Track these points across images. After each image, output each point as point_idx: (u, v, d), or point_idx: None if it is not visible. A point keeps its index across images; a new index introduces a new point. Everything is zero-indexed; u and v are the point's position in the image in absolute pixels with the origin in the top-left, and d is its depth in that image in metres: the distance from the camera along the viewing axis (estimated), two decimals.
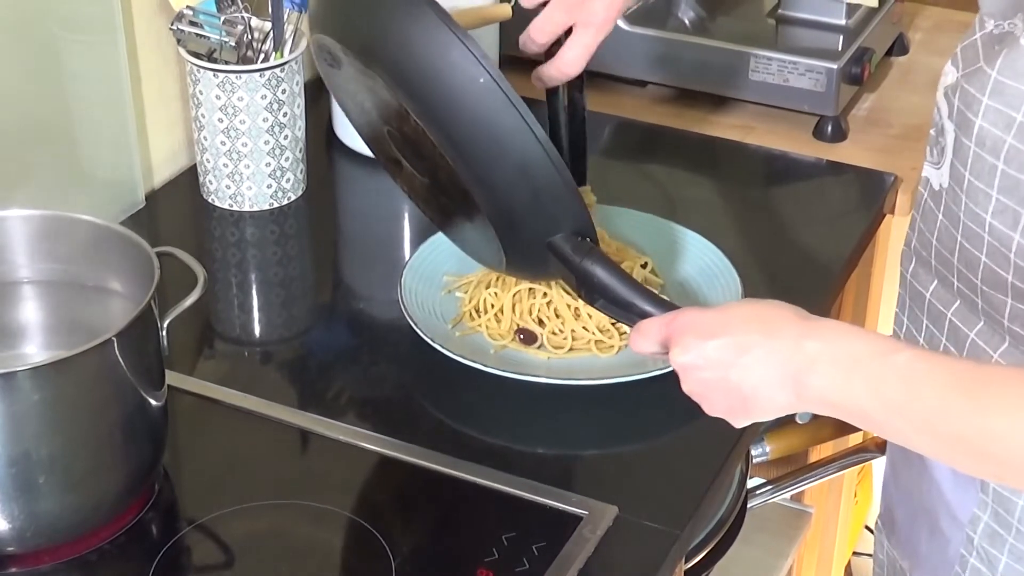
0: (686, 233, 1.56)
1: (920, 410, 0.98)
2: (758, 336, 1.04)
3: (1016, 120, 1.07)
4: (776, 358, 1.03)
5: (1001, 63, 1.09)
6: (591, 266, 1.21)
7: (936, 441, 0.98)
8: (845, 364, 1.00)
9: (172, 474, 1.29)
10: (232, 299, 1.59)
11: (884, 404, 0.99)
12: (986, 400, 0.96)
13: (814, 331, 1.03)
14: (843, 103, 1.87)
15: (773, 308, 1.07)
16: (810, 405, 1.03)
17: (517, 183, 1.19)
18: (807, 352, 1.02)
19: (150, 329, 1.20)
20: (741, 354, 1.05)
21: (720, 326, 1.07)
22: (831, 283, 1.58)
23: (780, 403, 1.05)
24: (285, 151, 1.66)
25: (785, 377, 1.03)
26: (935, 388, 0.97)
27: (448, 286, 1.50)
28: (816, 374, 1.01)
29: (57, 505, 1.17)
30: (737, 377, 1.05)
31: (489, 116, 1.17)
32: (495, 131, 1.18)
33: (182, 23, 1.61)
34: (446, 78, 1.17)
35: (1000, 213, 1.10)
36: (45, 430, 1.14)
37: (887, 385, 0.99)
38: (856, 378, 1.00)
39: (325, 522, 1.24)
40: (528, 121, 1.16)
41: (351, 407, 1.39)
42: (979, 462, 0.98)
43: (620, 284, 1.20)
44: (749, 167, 1.84)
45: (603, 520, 1.23)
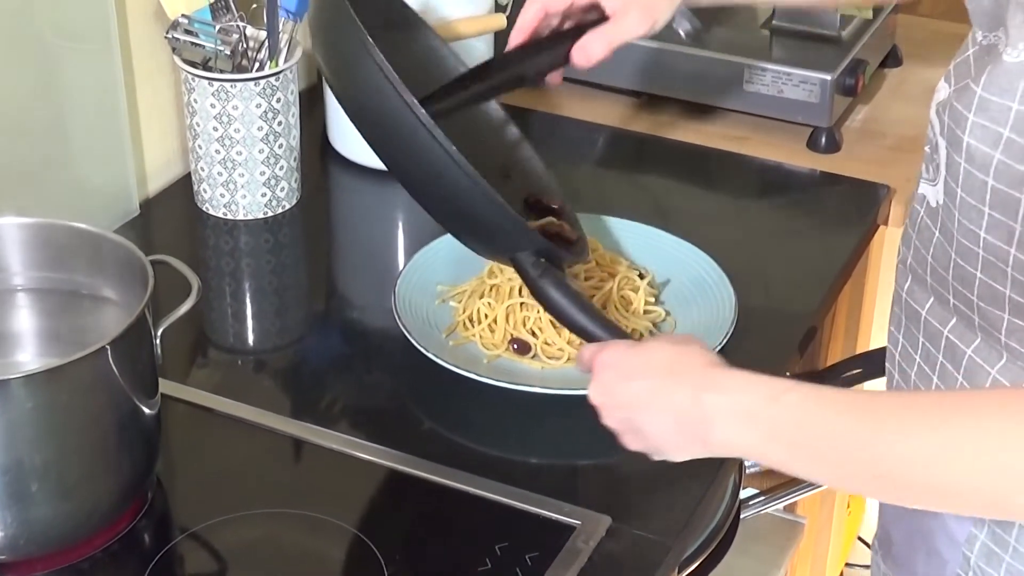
0: (680, 243, 1.56)
1: (816, 445, 1.03)
2: (664, 384, 1.09)
3: (1003, 136, 1.07)
4: (674, 411, 1.09)
5: (986, 80, 1.09)
6: (545, 286, 1.26)
7: (836, 472, 1.03)
8: (741, 415, 1.05)
9: (165, 482, 1.29)
10: (226, 308, 1.59)
11: (783, 446, 1.04)
12: (886, 424, 1.00)
13: (714, 383, 1.07)
14: (837, 114, 1.88)
15: (686, 354, 1.11)
16: (718, 453, 1.08)
17: (454, 206, 1.25)
18: (704, 406, 1.07)
19: (144, 337, 1.20)
20: (647, 402, 1.10)
21: (635, 369, 1.12)
22: (825, 294, 1.58)
23: (686, 451, 1.10)
24: (280, 160, 1.66)
25: (683, 431, 1.08)
26: (826, 421, 1.02)
27: (442, 296, 1.50)
28: (716, 427, 1.06)
29: (50, 513, 1.17)
30: (641, 423, 1.11)
31: (423, 159, 1.21)
32: (430, 172, 1.22)
33: (177, 31, 1.61)
34: (387, 122, 1.21)
35: (994, 228, 1.10)
36: (38, 438, 1.14)
37: (782, 427, 1.04)
38: (752, 426, 1.05)
39: (318, 531, 1.24)
40: (453, 155, 1.19)
41: (344, 416, 1.39)
42: (879, 487, 1.03)
43: (571, 306, 1.25)
44: (743, 178, 1.85)
45: (596, 530, 1.23)
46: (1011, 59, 1.07)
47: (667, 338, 1.18)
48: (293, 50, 1.65)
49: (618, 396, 1.12)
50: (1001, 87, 1.07)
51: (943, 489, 1.00)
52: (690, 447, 1.10)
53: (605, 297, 1.45)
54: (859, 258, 1.71)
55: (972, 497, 1.00)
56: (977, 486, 0.98)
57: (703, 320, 1.47)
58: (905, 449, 0.99)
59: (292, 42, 1.65)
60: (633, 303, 1.46)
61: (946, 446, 0.98)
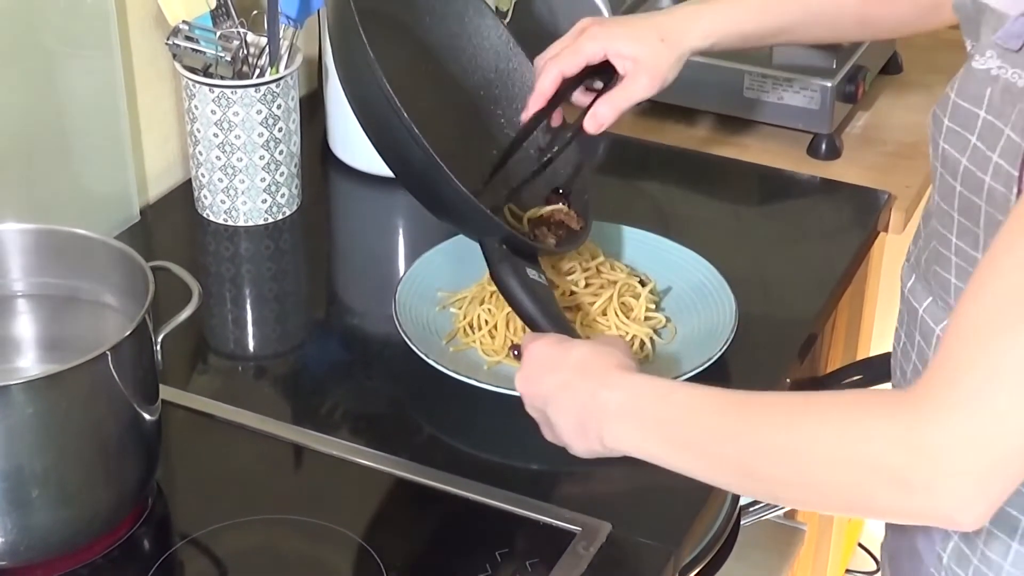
0: (680, 250, 1.56)
1: (694, 442, 1.06)
2: (572, 379, 1.13)
3: (970, 142, 1.08)
4: (576, 406, 1.12)
5: (958, 86, 1.10)
6: (502, 271, 1.27)
7: (712, 468, 1.06)
8: (630, 412, 1.09)
9: (165, 489, 1.29)
10: (226, 314, 1.59)
11: (665, 442, 1.07)
12: (755, 419, 1.02)
13: (613, 382, 1.10)
14: (837, 121, 1.88)
15: (601, 354, 1.14)
16: (614, 452, 1.11)
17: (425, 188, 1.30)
18: (601, 402, 1.10)
19: (144, 343, 1.20)
20: (557, 394, 1.14)
21: (553, 363, 1.15)
22: (825, 300, 1.58)
23: (587, 448, 1.13)
24: (280, 166, 1.67)
25: (582, 427, 1.11)
26: (710, 416, 1.05)
27: (442, 302, 1.50)
28: (608, 425, 1.09)
29: (50, 519, 1.17)
30: (552, 416, 1.14)
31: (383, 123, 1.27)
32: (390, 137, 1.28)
33: (178, 38, 1.61)
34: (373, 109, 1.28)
35: (963, 235, 1.11)
36: (39, 444, 1.14)
37: (666, 424, 1.07)
38: (639, 423, 1.08)
39: (319, 537, 1.24)
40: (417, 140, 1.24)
41: (345, 422, 1.39)
42: (751, 483, 1.05)
43: (523, 294, 1.27)
44: (743, 184, 1.85)
45: (597, 537, 1.23)
46: (979, 66, 1.08)
47: (595, 338, 1.20)
48: (294, 56, 1.65)
49: (535, 387, 1.16)
50: (970, 94, 1.08)
51: (806, 485, 1.01)
52: (590, 444, 1.12)
53: (605, 304, 1.45)
54: (859, 265, 1.71)
55: (833, 494, 1.00)
56: (836, 481, 0.99)
57: (703, 326, 1.47)
58: (768, 444, 1.01)
59: (293, 48, 1.65)
60: (634, 310, 1.46)
61: (805, 441, 0.99)
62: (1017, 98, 1.03)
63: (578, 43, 1.44)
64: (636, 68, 1.43)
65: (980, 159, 1.07)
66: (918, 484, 0.94)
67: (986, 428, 0.92)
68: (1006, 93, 1.04)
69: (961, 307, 0.97)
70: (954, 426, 0.93)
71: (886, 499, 0.97)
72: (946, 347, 0.96)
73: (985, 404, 0.92)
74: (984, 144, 1.06)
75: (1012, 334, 0.92)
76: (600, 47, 1.43)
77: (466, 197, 1.27)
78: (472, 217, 1.30)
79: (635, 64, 1.43)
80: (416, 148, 1.25)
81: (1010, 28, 1.05)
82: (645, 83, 1.44)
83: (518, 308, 1.30)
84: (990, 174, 1.05)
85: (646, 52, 1.43)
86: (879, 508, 0.99)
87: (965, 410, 0.93)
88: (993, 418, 0.92)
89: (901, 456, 0.94)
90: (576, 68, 1.44)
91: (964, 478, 0.93)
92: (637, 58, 1.43)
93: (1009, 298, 0.93)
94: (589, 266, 1.48)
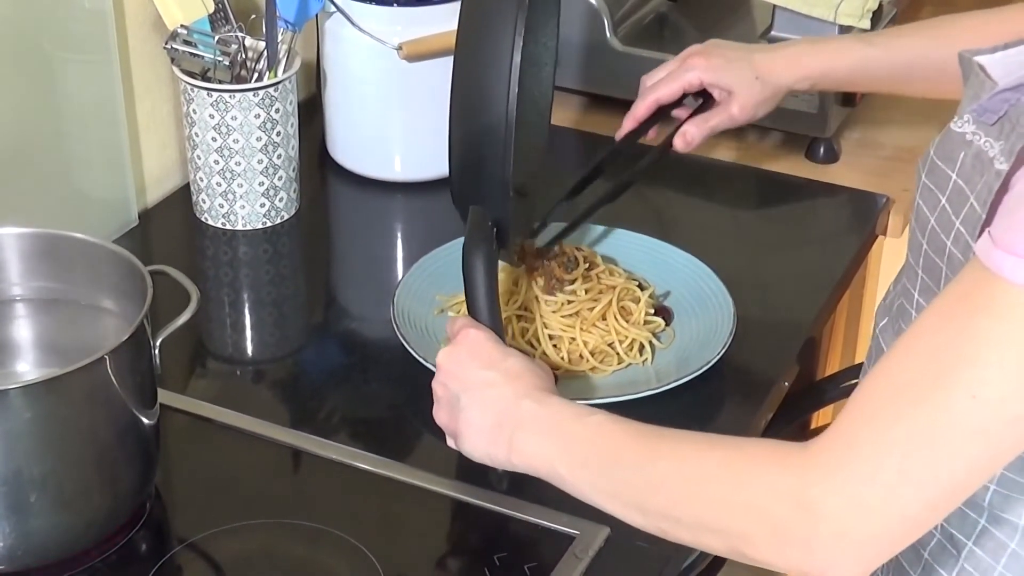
0: (679, 254, 1.56)
1: (597, 465, 1.07)
2: (500, 381, 1.14)
3: (940, 203, 1.08)
4: (495, 407, 1.13)
5: (938, 143, 1.11)
6: (475, 249, 1.25)
7: (610, 493, 1.07)
8: (547, 425, 1.10)
9: (164, 493, 1.29)
10: (225, 318, 1.59)
11: (570, 463, 1.08)
12: (658, 451, 1.04)
13: (538, 396, 1.12)
14: (835, 125, 1.88)
15: (531, 372, 1.15)
16: (513, 464, 1.12)
17: (475, 139, 1.27)
18: (521, 410, 1.11)
19: (143, 348, 1.20)
20: (480, 388, 1.15)
21: (488, 359, 1.16)
22: (823, 304, 1.58)
23: (484, 451, 1.14)
24: (278, 170, 1.67)
25: (496, 429, 1.12)
26: (618, 440, 1.07)
27: (440, 306, 1.50)
28: (521, 433, 1.11)
29: (48, 523, 1.17)
30: (464, 404, 1.15)
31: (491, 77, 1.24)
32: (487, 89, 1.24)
33: (176, 42, 1.61)
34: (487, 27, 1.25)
35: (925, 292, 1.13)
36: (37, 448, 1.14)
37: (578, 444, 1.08)
38: (552, 438, 1.10)
39: (317, 541, 1.24)
40: (509, 108, 1.22)
41: (343, 426, 1.39)
42: (643, 514, 1.05)
43: (482, 281, 1.25)
44: (742, 188, 1.85)
45: (595, 540, 1.23)
46: (956, 128, 1.09)
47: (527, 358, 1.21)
48: (292, 60, 1.65)
49: (461, 371, 1.16)
50: (946, 153, 1.09)
51: (690, 523, 1.03)
52: (490, 447, 1.13)
53: (605, 308, 1.45)
54: (857, 268, 1.71)
55: (714, 536, 1.02)
56: (720, 524, 1.01)
57: (702, 330, 1.47)
58: (663, 476, 1.03)
59: (291, 52, 1.65)
60: (634, 314, 1.46)
61: (698, 479, 1.02)
62: (986, 167, 1.03)
63: (678, 73, 1.58)
64: (730, 99, 1.56)
65: (945, 222, 1.07)
66: (797, 538, 0.97)
67: (872, 497, 0.95)
68: (976, 160, 1.05)
69: (870, 376, 0.98)
70: (841, 489, 0.95)
71: (764, 548, 0.99)
72: (848, 413, 0.98)
73: (875, 473, 0.94)
74: (951, 207, 1.07)
75: (909, 410, 0.94)
76: (698, 76, 1.57)
77: (508, 165, 1.26)
78: (496, 188, 1.29)
79: (730, 95, 1.56)
80: (502, 110, 1.24)
81: (986, 103, 1.05)
82: (735, 113, 1.57)
83: (473, 291, 1.27)
84: (951, 239, 1.06)
85: (740, 86, 1.56)
86: (756, 556, 1.01)
87: (855, 476, 0.95)
88: (881, 488, 0.94)
89: (785, 509, 0.97)
90: (673, 97, 1.58)
91: (842, 541, 0.96)
92: (732, 90, 1.56)
93: (910, 376, 0.95)
94: (589, 275, 1.48)
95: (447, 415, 1.17)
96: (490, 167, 1.27)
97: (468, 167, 1.30)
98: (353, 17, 1.69)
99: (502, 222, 1.29)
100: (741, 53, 1.57)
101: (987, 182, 1.02)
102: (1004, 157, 1.01)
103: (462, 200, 1.31)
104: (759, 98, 1.56)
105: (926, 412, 0.93)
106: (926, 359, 0.94)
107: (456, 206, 1.34)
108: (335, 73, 1.77)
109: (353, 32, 1.70)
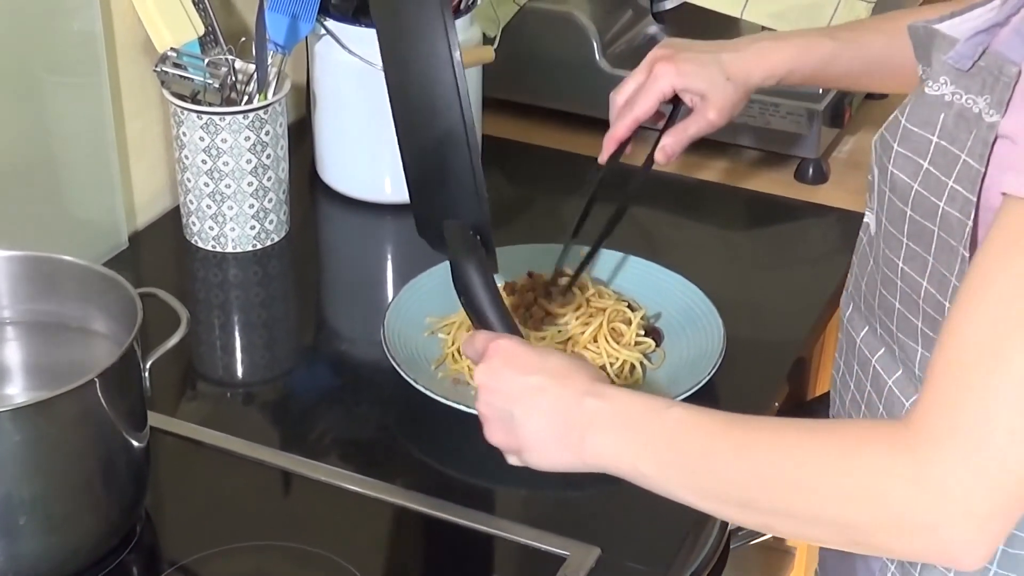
0: (668, 274, 1.56)
1: (687, 462, 1.03)
2: (551, 384, 1.09)
3: (922, 167, 1.09)
4: (556, 412, 1.08)
5: (910, 110, 1.11)
6: (465, 263, 1.22)
7: (703, 492, 1.03)
8: (620, 423, 1.06)
9: (154, 515, 1.29)
10: (215, 340, 1.59)
11: (655, 461, 1.04)
12: (755, 446, 1.00)
13: (599, 391, 1.08)
14: (824, 145, 1.88)
15: (578, 366, 1.12)
16: (588, 465, 1.08)
17: (433, 150, 1.23)
18: (586, 409, 1.07)
19: (133, 370, 1.20)
20: (531, 396, 1.10)
21: (526, 364, 1.11)
22: (813, 324, 1.58)
23: (555, 458, 1.10)
24: (268, 193, 1.67)
25: (560, 433, 1.08)
26: (701, 438, 1.03)
27: (430, 327, 1.50)
28: (592, 433, 1.06)
29: (38, 546, 1.17)
30: (519, 416, 1.10)
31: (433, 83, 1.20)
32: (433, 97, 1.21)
33: (166, 65, 1.61)
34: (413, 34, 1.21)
35: (911, 259, 1.12)
36: (26, 471, 1.14)
37: (658, 441, 1.04)
38: (629, 436, 1.05)
39: (308, 564, 1.24)
40: (464, 106, 1.19)
41: (334, 448, 1.39)
42: (747, 510, 1.02)
43: (482, 291, 1.22)
44: (731, 209, 1.85)
45: (586, 561, 1.23)
46: (932, 92, 1.09)
47: (562, 352, 1.17)
48: (282, 83, 1.66)
49: (504, 384, 1.12)
50: (922, 119, 1.09)
51: (807, 518, 0.99)
52: (562, 453, 1.09)
53: (596, 331, 1.45)
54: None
55: (834, 529, 0.99)
56: (840, 517, 0.98)
57: (692, 350, 1.47)
58: (768, 473, 0.99)
59: (281, 75, 1.65)
60: (625, 335, 1.47)
61: (810, 474, 0.98)
62: (973, 123, 1.03)
63: (649, 85, 1.52)
64: (704, 104, 1.52)
65: (934, 184, 1.07)
66: (923, 525, 0.94)
67: (989, 463, 0.92)
68: (960, 119, 1.05)
69: (945, 340, 0.96)
70: (959, 462, 0.92)
71: (886, 538, 0.97)
72: (936, 381, 0.95)
73: (986, 437, 0.92)
74: (938, 169, 1.07)
75: (1000, 364, 0.92)
76: (669, 84, 1.52)
77: (477, 166, 1.22)
78: (467, 193, 1.24)
79: (703, 100, 1.51)
80: (456, 111, 1.20)
81: (962, 49, 1.06)
82: (712, 118, 1.51)
83: (476, 307, 1.23)
84: (945, 199, 1.06)
85: (713, 89, 1.51)
86: (879, 546, 0.99)
87: (968, 443, 0.92)
88: (995, 451, 0.92)
89: (905, 493, 0.94)
90: (649, 112, 1.53)
91: (970, 520, 0.93)
92: (705, 95, 1.51)
93: (988, 329, 0.93)
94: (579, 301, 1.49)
95: (502, 434, 1.13)
96: (457, 173, 1.23)
97: (430, 182, 1.28)
98: (343, 39, 1.70)
99: (483, 227, 1.25)
100: (708, 56, 1.52)
101: (979, 136, 1.02)
102: (994, 109, 1.01)
103: (429, 223, 1.29)
104: (732, 99, 1.52)
105: (1019, 361, 0.92)
106: (1001, 308, 0.93)
107: (421, 233, 1.31)
108: (325, 95, 1.77)
109: (343, 54, 1.70)
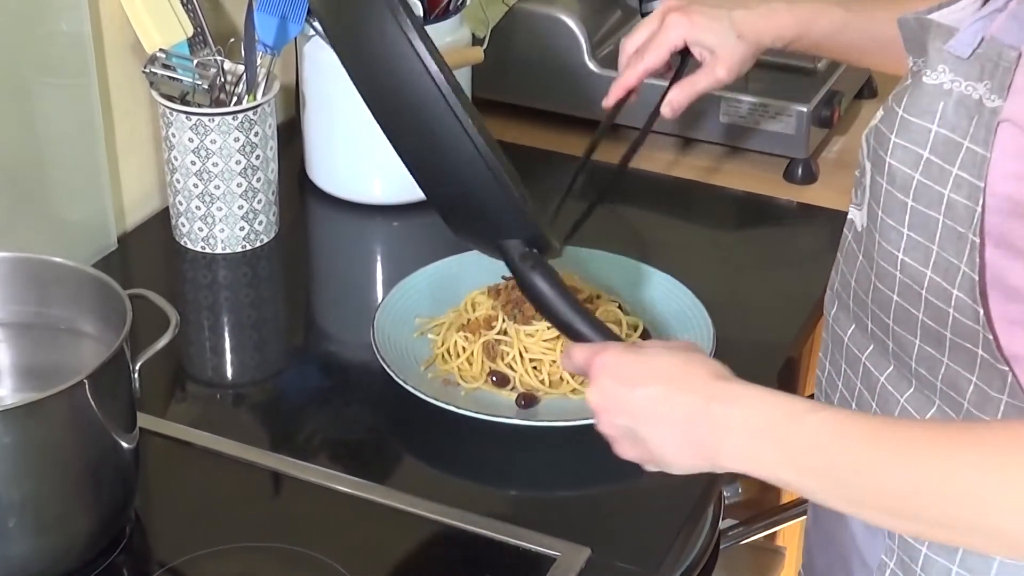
0: (657, 275, 1.57)
1: (833, 472, 0.99)
2: (670, 392, 1.04)
3: (923, 156, 1.09)
4: (682, 422, 1.03)
5: (907, 101, 1.11)
6: (534, 278, 1.18)
7: (852, 500, 1.00)
8: (755, 431, 1.01)
9: (144, 517, 1.29)
10: (204, 341, 1.58)
11: (797, 468, 1.00)
12: (906, 449, 0.96)
13: (725, 394, 1.03)
14: (813, 145, 1.89)
15: (691, 363, 1.06)
16: (725, 468, 1.04)
17: (457, 191, 1.16)
18: (714, 416, 1.02)
19: (122, 372, 1.20)
20: (651, 410, 1.05)
21: (638, 374, 1.06)
22: (802, 324, 1.59)
23: (687, 464, 1.06)
24: (258, 194, 1.67)
25: (690, 442, 1.03)
26: (847, 448, 0.98)
27: (420, 328, 1.50)
28: (727, 442, 1.01)
29: (28, 548, 1.17)
30: (644, 432, 1.05)
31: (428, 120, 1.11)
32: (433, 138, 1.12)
33: (155, 66, 1.61)
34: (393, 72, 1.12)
35: (912, 250, 1.11)
36: (15, 473, 1.13)
37: (799, 450, 1.00)
38: (767, 444, 1.00)
39: (298, 565, 1.24)
40: (470, 132, 1.11)
41: (324, 449, 1.39)
42: (896, 518, 0.99)
43: (560, 302, 1.17)
44: (720, 209, 1.85)
45: (576, 562, 1.23)
46: (930, 81, 1.09)
47: (664, 344, 1.13)
48: (271, 84, 1.65)
49: (621, 402, 1.06)
50: (921, 109, 1.09)
51: (982, 531, 0.95)
52: (694, 460, 1.05)
53: None
54: None
55: (1014, 542, 0.95)
56: (996, 527, 0.94)
57: None
58: (938, 484, 0.95)
59: (270, 76, 1.65)
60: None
61: (992, 486, 0.93)
62: (974, 110, 1.04)
63: (660, 35, 1.51)
64: (713, 59, 1.51)
65: (937, 173, 1.07)
66: None
67: None
68: (960, 106, 1.05)
69: None
70: None
71: None
72: None
73: None
74: (940, 158, 1.07)
75: None
76: (681, 36, 1.51)
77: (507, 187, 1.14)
78: (507, 213, 1.17)
79: (712, 55, 1.51)
80: (466, 137, 1.11)
81: (962, 37, 1.06)
82: (721, 74, 1.51)
83: (558, 318, 1.18)
84: (950, 187, 1.06)
85: (723, 46, 1.50)
86: None
87: None
88: None
89: None
90: (660, 62, 1.52)
91: None
92: (715, 50, 1.50)
93: None
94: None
95: (632, 449, 1.08)
96: (487, 198, 1.15)
97: (468, 218, 1.20)
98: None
99: (537, 239, 1.19)
100: (720, 11, 1.51)
101: (982, 123, 1.03)
102: (995, 95, 1.02)
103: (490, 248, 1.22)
104: (742, 58, 1.51)
105: None
106: None
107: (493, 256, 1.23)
108: (314, 96, 1.77)
109: (332, 55, 1.70)
